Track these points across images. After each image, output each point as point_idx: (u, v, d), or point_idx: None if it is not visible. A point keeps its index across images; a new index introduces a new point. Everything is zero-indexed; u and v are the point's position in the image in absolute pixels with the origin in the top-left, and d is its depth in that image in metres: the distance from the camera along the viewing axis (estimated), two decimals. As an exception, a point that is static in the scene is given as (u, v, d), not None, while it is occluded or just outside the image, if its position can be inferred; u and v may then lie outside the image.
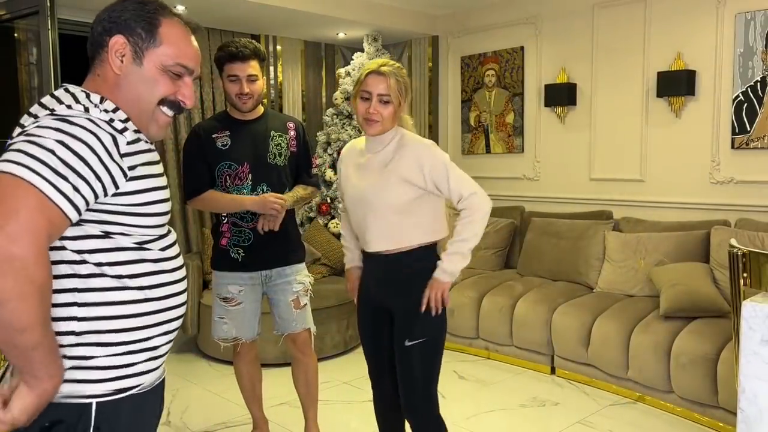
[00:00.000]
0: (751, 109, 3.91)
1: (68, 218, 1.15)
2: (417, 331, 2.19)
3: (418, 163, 2.14)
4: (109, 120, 1.23)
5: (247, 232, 2.70)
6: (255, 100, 2.69)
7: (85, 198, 1.16)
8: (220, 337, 2.81)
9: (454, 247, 2.18)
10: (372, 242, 2.22)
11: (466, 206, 2.17)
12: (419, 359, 2.19)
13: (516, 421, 3.36)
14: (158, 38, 1.30)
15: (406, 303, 2.20)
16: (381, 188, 2.17)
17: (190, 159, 2.73)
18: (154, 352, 1.33)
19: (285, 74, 5.70)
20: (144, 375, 1.32)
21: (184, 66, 1.33)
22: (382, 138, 2.21)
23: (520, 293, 4.17)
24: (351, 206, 2.29)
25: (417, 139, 2.23)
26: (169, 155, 4.99)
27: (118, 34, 1.28)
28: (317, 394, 2.94)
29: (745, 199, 3.99)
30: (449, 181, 2.14)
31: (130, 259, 1.26)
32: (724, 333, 3.19)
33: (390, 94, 2.14)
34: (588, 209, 4.64)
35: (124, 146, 1.23)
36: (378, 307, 2.30)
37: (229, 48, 2.61)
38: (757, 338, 1.32)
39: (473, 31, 5.44)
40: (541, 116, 5.04)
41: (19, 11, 3.78)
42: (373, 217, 2.19)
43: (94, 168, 1.17)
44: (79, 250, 1.22)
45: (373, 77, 2.15)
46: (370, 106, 2.14)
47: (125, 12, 1.29)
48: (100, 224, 1.23)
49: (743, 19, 3.90)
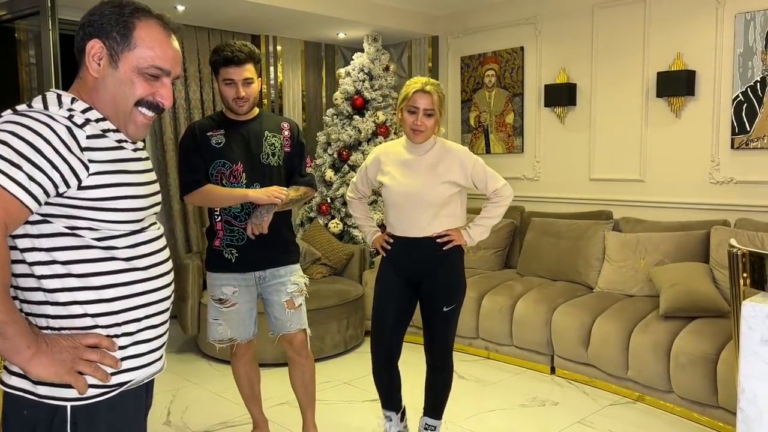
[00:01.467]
0: (751, 109, 3.91)
1: (27, 207, 1.18)
2: (453, 300, 2.71)
3: (462, 165, 2.65)
4: (69, 116, 1.26)
5: (240, 231, 2.69)
6: (251, 103, 2.68)
7: (43, 186, 1.19)
8: (216, 339, 2.81)
9: (481, 221, 2.75)
10: (413, 228, 2.67)
11: (497, 194, 2.73)
12: (452, 321, 2.75)
13: (516, 421, 3.37)
14: (133, 41, 1.32)
15: (443, 277, 2.71)
16: (431, 185, 2.62)
17: (186, 154, 2.72)
18: (125, 352, 1.33)
19: (285, 74, 5.71)
20: (122, 373, 1.33)
21: (159, 68, 1.35)
22: (424, 144, 2.67)
23: (520, 293, 4.17)
24: (396, 198, 2.68)
25: (456, 146, 2.75)
26: (170, 155, 5.00)
27: (95, 39, 1.32)
28: (315, 394, 2.94)
29: (744, 199, 3.99)
30: (486, 178, 2.70)
31: (97, 257, 1.28)
32: (723, 333, 3.19)
33: (434, 108, 2.59)
34: (588, 209, 4.64)
35: (84, 140, 1.25)
36: (409, 280, 2.74)
37: (225, 52, 2.59)
38: (756, 338, 1.32)
39: (473, 31, 5.45)
40: (541, 116, 5.04)
41: (20, 11, 3.78)
42: (418, 209, 2.64)
43: (48, 157, 1.19)
44: (48, 248, 1.25)
45: (419, 95, 2.58)
46: (417, 119, 2.58)
47: (103, 16, 1.32)
48: (68, 219, 1.26)
49: (743, 19, 3.90)
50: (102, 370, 1.27)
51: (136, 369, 1.35)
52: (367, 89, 5.21)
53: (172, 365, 4.15)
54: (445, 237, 2.67)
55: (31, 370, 1.21)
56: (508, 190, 2.74)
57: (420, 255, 2.70)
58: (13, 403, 1.28)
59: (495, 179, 2.72)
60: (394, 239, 2.75)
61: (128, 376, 1.33)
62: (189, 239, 5.17)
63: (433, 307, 2.72)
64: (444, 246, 2.67)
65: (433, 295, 2.71)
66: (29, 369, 1.21)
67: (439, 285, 2.71)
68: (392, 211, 2.73)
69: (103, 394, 1.30)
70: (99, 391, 1.29)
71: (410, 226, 2.68)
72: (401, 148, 2.73)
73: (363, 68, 5.24)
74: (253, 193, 2.61)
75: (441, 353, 2.80)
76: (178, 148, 2.82)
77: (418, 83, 2.60)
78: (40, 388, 1.25)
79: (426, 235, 2.66)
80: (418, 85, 2.59)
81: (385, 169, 2.73)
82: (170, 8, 4.57)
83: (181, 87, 5.07)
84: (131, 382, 1.35)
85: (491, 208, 2.74)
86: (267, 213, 2.63)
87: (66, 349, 1.23)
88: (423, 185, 2.63)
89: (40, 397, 1.26)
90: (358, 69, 5.24)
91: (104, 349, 1.28)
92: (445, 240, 2.67)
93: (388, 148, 2.80)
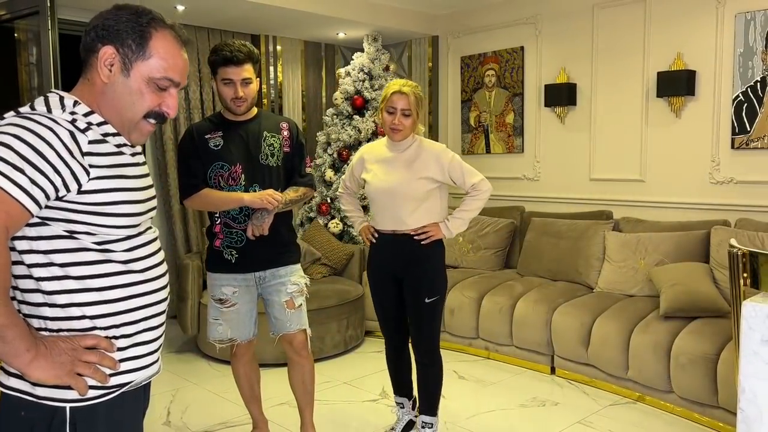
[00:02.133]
0: (751, 109, 3.91)
1: (28, 210, 1.19)
2: (433, 291, 2.83)
3: (438, 161, 2.78)
4: (71, 120, 1.26)
5: (239, 233, 2.69)
6: (249, 104, 2.68)
7: (44, 190, 1.19)
8: (216, 339, 2.81)
9: (459, 214, 2.86)
10: (394, 222, 2.81)
11: (475, 188, 2.83)
12: (436, 314, 2.87)
13: (516, 421, 3.36)
14: (148, 51, 1.32)
15: (425, 271, 2.83)
16: (408, 181, 2.76)
17: (184, 158, 2.72)
18: (123, 353, 1.33)
19: (285, 74, 5.70)
20: (121, 375, 1.33)
21: (170, 79, 1.36)
22: (404, 142, 2.81)
23: (520, 293, 4.17)
24: (377, 194, 2.83)
25: (434, 143, 2.89)
26: (169, 155, 4.99)
27: (109, 44, 1.31)
28: (313, 395, 2.94)
29: (745, 199, 3.99)
30: (463, 173, 2.80)
31: (94, 259, 1.29)
32: (724, 333, 3.19)
33: (410, 108, 2.74)
34: (588, 209, 4.64)
35: (86, 145, 1.25)
36: (394, 275, 2.88)
37: (224, 52, 2.58)
38: (757, 338, 1.32)
39: (473, 31, 5.45)
40: (541, 116, 5.04)
41: (20, 11, 3.78)
42: (397, 203, 2.77)
43: (51, 161, 1.19)
44: (46, 251, 1.25)
45: (397, 96, 2.74)
46: (395, 118, 2.74)
47: (119, 22, 1.31)
48: (66, 223, 1.26)
49: (743, 19, 3.90)
50: (101, 372, 1.28)
51: (135, 371, 1.35)
52: (367, 89, 5.21)
53: (172, 365, 4.17)
54: (423, 234, 2.79)
55: (30, 373, 1.21)
56: (486, 185, 2.84)
57: (402, 249, 2.83)
58: (11, 404, 1.28)
59: (472, 174, 2.83)
60: (379, 234, 2.90)
61: (127, 378, 1.34)
62: (189, 239, 5.17)
63: (416, 300, 2.84)
64: (424, 242, 2.80)
65: (416, 288, 2.84)
66: (29, 372, 1.21)
67: (421, 278, 2.84)
68: (374, 206, 2.89)
69: (102, 396, 1.30)
70: (98, 393, 1.29)
71: (391, 220, 2.83)
72: (383, 147, 2.90)
73: (363, 68, 5.24)
74: (248, 197, 2.61)
75: (428, 348, 2.90)
76: (177, 152, 2.82)
77: (396, 85, 2.77)
78: (38, 390, 1.25)
79: (406, 228, 2.80)
80: (396, 86, 2.76)
81: (368, 167, 2.90)
82: (170, 8, 4.57)
83: (181, 87, 5.06)
84: (130, 383, 1.35)
85: (469, 201, 2.85)
86: (267, 215, 2.63)
87: (65, 352, 1.23)
88: (401, 181, 2.77)
89: (38, 398, 1.26)
90: (358, 69, 5.23)
91: (103, 350, 1.28)
92: (424, 236, 2.79)
93: (371, 147, 2.98)
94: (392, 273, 2.89)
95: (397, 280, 2.90)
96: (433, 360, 2.92)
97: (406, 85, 2.78)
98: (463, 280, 4.49)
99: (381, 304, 2.99)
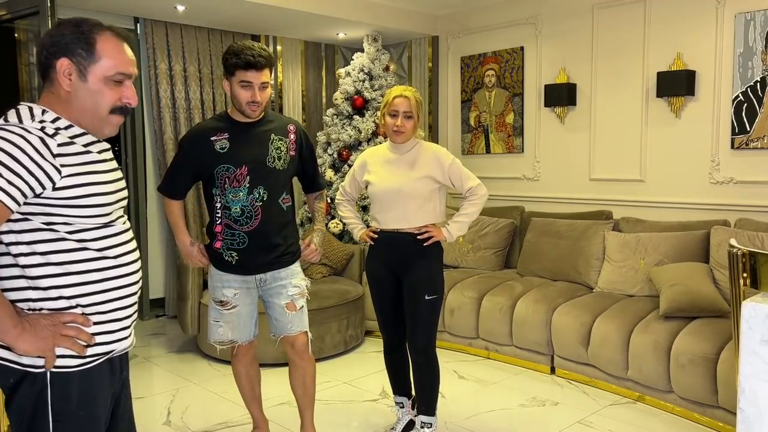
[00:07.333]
0: (751, 109, 3.91)
1: (8, 208, 1.38)
2: (433, 289, 2.90)
3: (439, 162, 2.89)
4: (41, 128, 1.44)
5: (240, 235, 2.68)
6: (263, 108, 2.67)
7: (21, 190, 1.39)
8: (216, 340, 2.81)
9: (459, 218, 2.95)
10: (396, 221, 2.90)
11: (472, 192, 2.93)
12: (433, 309, 2.92)
13: (516, 421, 3.37)
14: (97, 54, 1.49)
15: (424, 269, 2.90)
16: (410, 180, 2.87)
17: (179, 162, 2.76)
18: (98, 328, 1.53)
19: (285, 74, 5.71)
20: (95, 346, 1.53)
21: (123, 73, 1.53)
22: (406, 144, 2.92)
23: (520, 293, 4.17)
24: (382, 194, 2.91)
25: (435, 146, 3.00)
26: (169, 155, 4.99)
27: (63, 57, 1.48)
28: (314, 396, 2.94)
29: (744, 199, 3.99)
30: (462, 176, 2.92)
31: (71, 248, 1.49)
32: (723, 333, 3.19)
33: (412, 111, 2.86)
34: (588, 209, 4.64)
35: (56, 147, 1.43)
36: (394, 272, 2.95)
37: (246, 56, 2.54)
38: (756, 338, 1.32)
39: (473, 31, 5.45)
40: (541, 116, 5.04)
41: (20, 11, 3.78)
42: (402, 202, 2.87)
43: (25, 165, 1.38)
44: (29, 242, 1.46)
45: (399, 99, 2.86)
46: (398, 121, 2.85)
47: (65, 36, 1.48)
48: (45, 216, 1.45)
49: (743, 20, 3.90)
50: (79, 344, 1.49)
51: (108, 343, 1.56)
52: (367, 89, 5.21)
53: (172, 365, 4.17)
54: (426, 233, 2.88)
55: (18, 346, 1.42)
56: (483, 189, 2.95)
57: (402, 247, 2.91)
58: (0, 370, 1.50)
59: (470, 178, 2.94)
60: (380, 233, 2.96)
61: (102, 349, 1.54)
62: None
63: (415, 297, 2.90)
64: (425, 242, 2.88)
65: (415, 286, 2.90)
66: (16, 345, 1.42)
67: (421, 276, 2.90)
68: (377, 205, 2.96)
69: (80, 366, 1.51)
70: (76, 362, 1.50)
71: (393, 219, 2.91)
72: (386, 150, 3.01)
73: (363, 68, 5.24)
74: (183, 250, 2.83)
75: (424, 347, 2.93)
76: (178, 148, 2.82)
77: (398, 90, 2.91)
78: (24, 359, 1.46)
79: (407, 226, 2.89)
80: (398, 91, 2.90)
81: (371, 170, 2.99)
82: (170, 8, 4.57)
83: (182, 87, 5.07)
84: (106, 353, 1.56)
85: (467, 206, 2.95)
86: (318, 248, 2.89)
87: (47, 327, 1.45)
88: (403, 180, 2.88)
89: (23, 366, 1.47)
90: (358, 69, 5.24)
91: (79, 325, 1.49)
92: (425, 236, 2.88)
93: (373, 151, 3.08)
94: (392, 271, 2.95)
95: (397, 278, 2.95)
96: (429, 359, 2.95)
97: (407, 90, 2.91)
98: (463, 280, 4.50)
99: (380, 302, 3.03)
